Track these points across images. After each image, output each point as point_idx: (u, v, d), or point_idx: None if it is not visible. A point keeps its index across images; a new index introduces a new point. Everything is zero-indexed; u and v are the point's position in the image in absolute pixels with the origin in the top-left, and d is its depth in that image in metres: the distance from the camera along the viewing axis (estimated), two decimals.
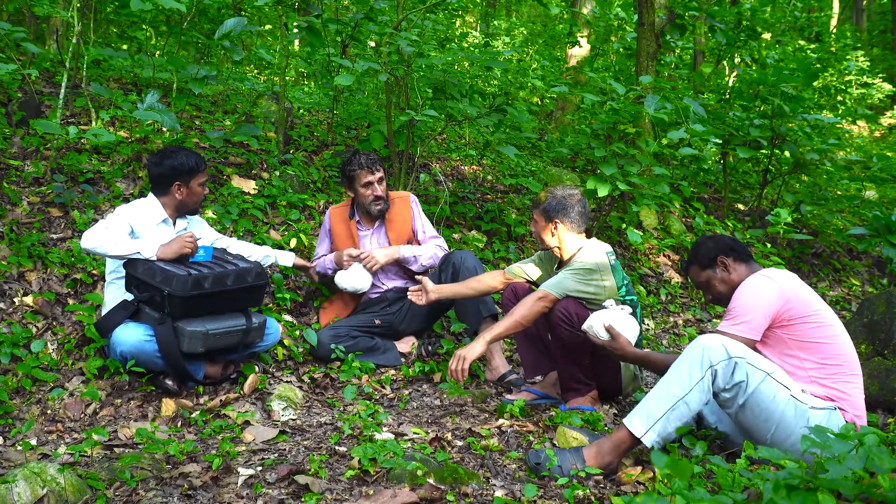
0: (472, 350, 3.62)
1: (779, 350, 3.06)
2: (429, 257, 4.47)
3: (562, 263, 3.85)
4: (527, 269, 4.06)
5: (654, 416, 2.85)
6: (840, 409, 2.99)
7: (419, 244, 4.56)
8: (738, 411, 2.92)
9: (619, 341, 3.32)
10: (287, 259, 4.42)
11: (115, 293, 3.80)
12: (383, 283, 4.55)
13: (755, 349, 3.03)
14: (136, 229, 3.80)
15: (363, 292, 4.42)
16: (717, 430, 3.29)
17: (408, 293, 4.14)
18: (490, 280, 4.07)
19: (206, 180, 4.07)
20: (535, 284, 4.01)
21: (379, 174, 4.45)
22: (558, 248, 3.82)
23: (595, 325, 3.38)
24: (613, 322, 3.35)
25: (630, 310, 3.48)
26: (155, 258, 3.62)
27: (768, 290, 3.04)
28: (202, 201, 4.09)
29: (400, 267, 4.54)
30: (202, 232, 4.18)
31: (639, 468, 2.93)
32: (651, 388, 3.04)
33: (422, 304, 4.11)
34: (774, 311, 3.02)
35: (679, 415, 2.84)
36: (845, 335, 3.10)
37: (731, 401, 2.90)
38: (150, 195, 4.01)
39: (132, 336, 3.54)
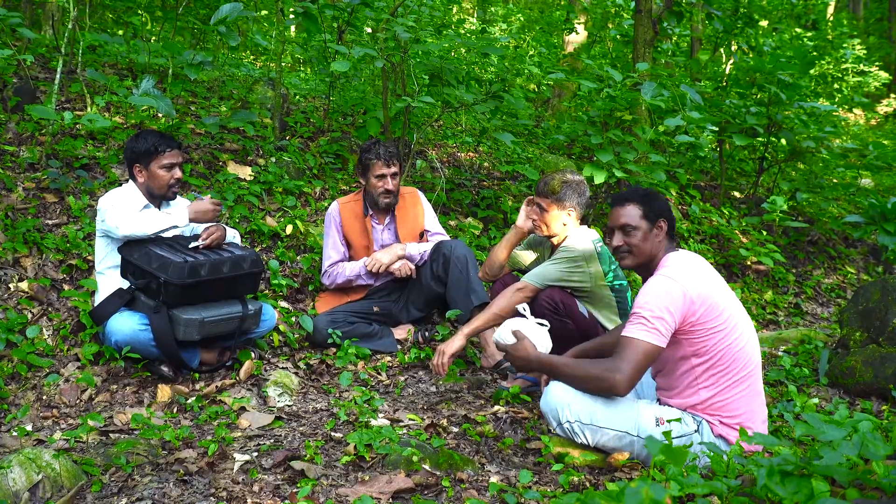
0: (451, 345, 3.73)
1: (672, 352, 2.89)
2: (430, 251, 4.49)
3: (554, 249, 3.86)
4: (523, 257, 4.06)
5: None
6: (710, 423, 2.86)
7: (427, 241, 4.57)
8: None
9: (523, 343, 3.09)
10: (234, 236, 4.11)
11: (108, 282, 3.78)
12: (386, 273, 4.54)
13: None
14: None
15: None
16: None
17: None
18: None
19: (173, 163, 3.80)
20: (522, 273, 4.00)
21: (394, 168, 4.44)
22: (556, 235, 3.82)
23: (503, 330, 3.19)
24: (522, 329, 3.16)
25: (548, 326, 3.25)
26: (188, 222, 3.71)
27: (677, 292, 2.77)
28: (172, 186, 3.84)
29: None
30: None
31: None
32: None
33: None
34: (680, 317, 2.78)
35: None
36: (747, 338, 2.89)
37: None
38: (129, 181, 3.90)
39: (126, 326, 3.54)
